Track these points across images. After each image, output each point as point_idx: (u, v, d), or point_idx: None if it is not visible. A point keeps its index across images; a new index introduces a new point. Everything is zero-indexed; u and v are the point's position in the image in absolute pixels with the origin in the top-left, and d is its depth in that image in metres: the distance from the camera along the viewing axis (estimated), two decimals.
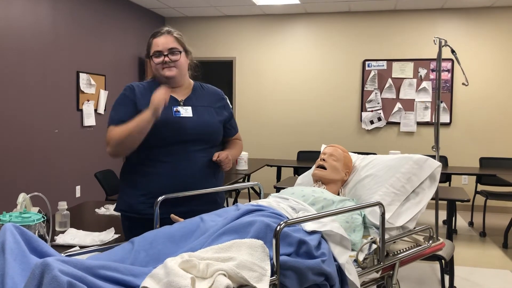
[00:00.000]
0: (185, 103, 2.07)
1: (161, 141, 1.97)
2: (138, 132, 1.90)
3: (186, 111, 2.04)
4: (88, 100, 5.45)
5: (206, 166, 2.04)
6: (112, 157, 2.01)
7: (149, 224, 1.90)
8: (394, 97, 6.62)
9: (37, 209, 2.10)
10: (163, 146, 1.98)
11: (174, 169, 1.98)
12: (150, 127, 1.91)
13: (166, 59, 2.01)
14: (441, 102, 6.20)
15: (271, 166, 5.54)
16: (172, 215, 1.85)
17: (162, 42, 2.02)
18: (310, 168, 2.44)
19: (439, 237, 2.13)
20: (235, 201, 5.75)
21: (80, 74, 5.30)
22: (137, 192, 2.00)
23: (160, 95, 1.87)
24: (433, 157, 2.52)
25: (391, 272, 1.88)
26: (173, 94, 2.07)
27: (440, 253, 2.81)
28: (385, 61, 6.63)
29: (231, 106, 2.27)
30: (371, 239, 1.75)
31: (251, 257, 1.31)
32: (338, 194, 2.19)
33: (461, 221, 5.80)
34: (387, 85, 6.62)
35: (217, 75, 8.08)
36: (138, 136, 1.92)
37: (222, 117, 2.15)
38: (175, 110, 2.02)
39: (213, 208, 1.89)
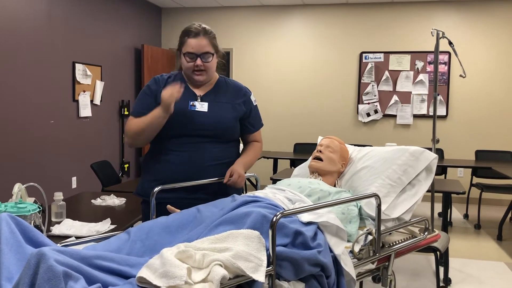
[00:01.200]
0: (203, 98, 2.12)
1: (173, 131, 2.05)
2: (151, 127, 1.99)
3: (202, 106, 2.08)
4: (84, 91, 5.43)
5: (218, 158, 2.09)
6: (129, 146, 2.11)
7: (162, 208, 1.94)
8: (391, 89, 6.62)
9: (32, 199, 2.10)
10: (176, 136, 2.05)
11: (185, 158, 2.04)
12: (164, 122, 1.99)
13: (198, 62, 2.04)
14: (438, 94, 6.21)
15: (268, 158, 5.54)
16: (168, 206, 1.86)
17: (197, 44, 2.04)
18: (306, 160, 2.44)
19: (434, 229, 2.14)
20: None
21: (76, 64, 5.26)
22: (150, 178, 2.09)
23: (168, 92, 1.92)
24: (430, 149, 2.53)
25: (387, 263, 1.89)
26: (195, 89, 2.14)
27: (435, 245, 2.83)
28: (382, 54, 6.62)
29: (254, 102, 2.25)
30: (367, 230, 1.76)
31: (247, 247, 1.31)
32: (335, 186, 2.19)
33: (456, 214, 5.83)
34: (384, 77, 6.62)
35: None
36: (151, 131, 2.01)
37: (238, 113, 2.16)
38: (191, 104, 2.08)
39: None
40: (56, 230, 2.18)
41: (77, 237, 2.06)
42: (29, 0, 4.55)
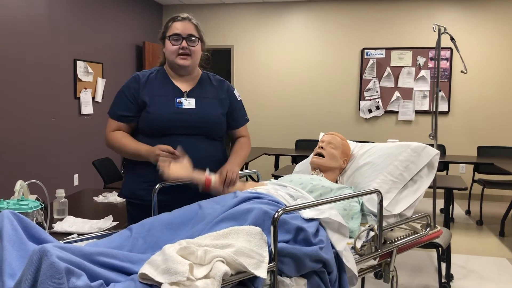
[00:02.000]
0: (189, 94, 2.07)
1: (161, 130, 1.99)
2: (131, 156, 2.01)
3: (189, 103, 2.04)
4: (85, 88, 5.43)
5: (209, 156, 2.05)
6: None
7: (151, 209, 1.91)
8: (393, 85, 6.60)
9: (34, 196, 2.10)
10: (165, 135, 1.99)
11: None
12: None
13: (184, 44, 2.01)
14: (440, 90, 6.19)
15: (269, 154, 5.54)
16: (179, 147, 1.89)
17: (182, 26, 2.03)
18: (308, 156, 2.44)
19: (436, 225, 2.14)
20: None
21: (78, 62, 5.26)
22: (139, 179, 2.03)
23: (164, 167, 1.86)
24: (431, 145, 2.53)
25: (389, 260, 1.89)
26: (179, 84, 2.08)
27: (437, 241, 2.83)
28: (384, 50, 6.60)
29: (238, 97, 2.22)
30: (369, 226, 1.76)
31: (249, 244, 1.31)
32: (336, 182, 2.19)
33: (458, 210, 5.83)
34: (385, 73, 6.60)
35: (215, 63, 8.02)
36: (130, 157, 2.01)
37: (225, 108, 2.13)
38: (177, 101, 2.03)
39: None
40: (58, 227, 2.19)
41: (79, 234, 2.07)
42: None
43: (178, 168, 1.88)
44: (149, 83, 2.05)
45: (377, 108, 6.67)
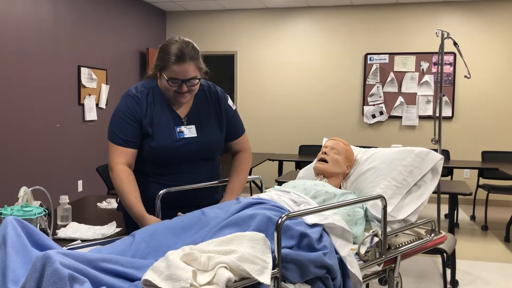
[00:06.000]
0: (189, 119, 1.99)
1: (164, 160, 1.96)
2: (126, 208, 1.87)
3: (189, 131, 1.96)
4: (89, 95, 5.45)
5: (209, 175, 2.05)
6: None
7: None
8: (396, 90, 6.60)
9: (38, 202, 2.10)
10: (167, 165, 1.97)
11: (176, 180, 1.98)
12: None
13: (184, 88, 1.86)
14: (443, 95, 6.18)
15: (273, 160, 5.53)
16: (179, 213, 1.83)
17: (183, 71, 1.83)
18: (311, 162, 2.43)
19: (441, 231, 2.12)
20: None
21: (82, 68, 5.29)
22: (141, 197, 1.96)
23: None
24: (435, 150, 2.52)
25: (393, 265, 1.88)
26: (177, 108, 1.98)
27: (442, 246, 2.81)
28: (387, 55, 6.61)
29: (232, 106, 2.12)
30: (373, 232, 1.75)
31: (252, 250, 1.31)
32: (340, 188, 2.18)
33: (463, 215, 5.80)
34: (389, 78, 6.60)
35: (218, 69, 8.06)
36: (124, 206, 1.88)
37: (224, 126, 2.07)
38: (178, 131, 1.95)
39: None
40: (61, 233, 2.19)
41: (82, 240, 2.07)
42: (35, 5, 4.58)
43: None
44: (149, 107, 1.93)
45: (381, 113, 6.66)
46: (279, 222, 1.33)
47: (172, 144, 1.92)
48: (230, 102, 2.12)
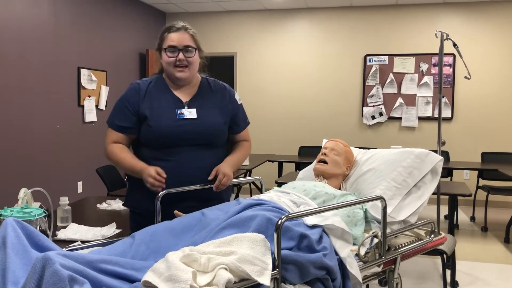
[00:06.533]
0: (190, 104, 2.04)
1: (163, 142, 1.97)
2: (127, 172, 2.01)
3: (190, 113, 2.01)
4: (89, 96, 5.45)
5: (211, 164, 2.01)
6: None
7: (150, 219, 1.90)
8: (396, 92, 6.60)
9: (38, 204, 2.10)
10: (167, 147, 1.98)
11: (178, 167, 1.97)
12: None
13: (181, 56, 1.97)
14: (443, 96, 6.19)
15: (273, 161, 5.53)
16: (176, 211, 1.85)
17: (178, 38, 1.98)
18: (311, 163, 2.43)
19: (440, 232, 2.13)
20: (237, 196, 5.74)
21: (81, 70, 5.29)
22: (142, 189, 1.97)
23: (151, 182, 1.87)
24: (435, 151, 2.52)
25: (393, 266, 1.88)
26: (179, 94, 2.05)
27: (441, 247, 2.81)
28: (387, 56, 6.61)
29: (239, 101, 2.19)
30: (373, 233, 1.75)
31: (252, 251, 1.31)
32: (340, 189, 2.18)
33: (462, 216, 5.80)
34: (388, 80, 6.60)
35: (218, 70, 8.06)
36: (125, 171, 2.02)
37: (226, 116, 2.10)
38: (179, 112, 2.00)
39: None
40: (61, 234, 2.19)
41: (82, 242, 2.07)
42: (35, 6, 4.58)
43: None
44: (149, 94, 2.02)
45: (380, 114, 6.67)
46: (279, 223, 1.33)
47: (171, 123, 1.97)
48: (237, 96, 2.19)
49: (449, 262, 3.46)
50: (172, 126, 1.97)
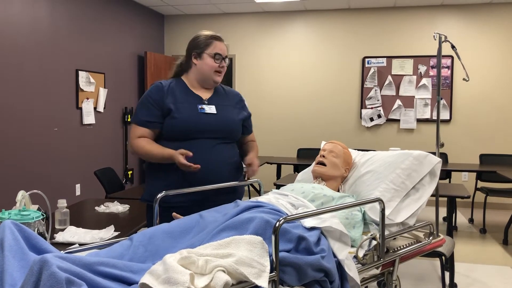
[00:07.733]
0: (209, 101, 2.22)
1: (184, 135, 2.11)
2: (157, 160, 2.10)
3: (210, 109, 2.19)
4: (87, 98, 5.45)
5: (228, 159, 2.19)
6: (132, 154, 2.18)
7: (174, 211, 1.93)
8: (394, 94, 6.61)
9: (36, 206, 2.10)
10: (186, 139, 2.10)
11: (197, 160, 2.04)
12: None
13: (224, 64, 2.22)
14: (441, 98, 6.20)
15: (271, 163, 5.53)
16: (174, 214, 1.85)
17: (223, 47, 2.22)
18: (310, 165, 2.44)
19: (439, 234, 2.13)
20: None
21: (79, 72, 5.29)
22: (162, 183, 2.10)
23: (183, 165, 1.98)
24: (433, 153, 2.52)
25: (391, 269, 1.88)
26: (199, 93, 2.23)
27: (440, 249, 2.81)
28: (385, 58, 6.62)
29: (247, 108, 2.45)
30: (371, 235, 1.75)
31: (250, 253, 1.30)
32: (338, 191, 2.18)
33: (461, 218, 5.80)
34: (386, 82, 6.61)
35: None
36: (155, 160, 2.11)
37: (241, 116, 2.31)
38: (200, 107, 2.17)
39: (233, 198, 2.02)
40: (59, 237, 2.18)
41: (80, 244, 2.06)
42: (32, 8, 4.58)
43: None
44: (171, 90, 2.17)
45: (379, 116, 6.67)
46: (277, 225, 1.33)
47: (193, 116, 2.13)
48: (246, 104, 2.44)
49: (448, 264, 3.46)
50: (194, 118, 2.12)
